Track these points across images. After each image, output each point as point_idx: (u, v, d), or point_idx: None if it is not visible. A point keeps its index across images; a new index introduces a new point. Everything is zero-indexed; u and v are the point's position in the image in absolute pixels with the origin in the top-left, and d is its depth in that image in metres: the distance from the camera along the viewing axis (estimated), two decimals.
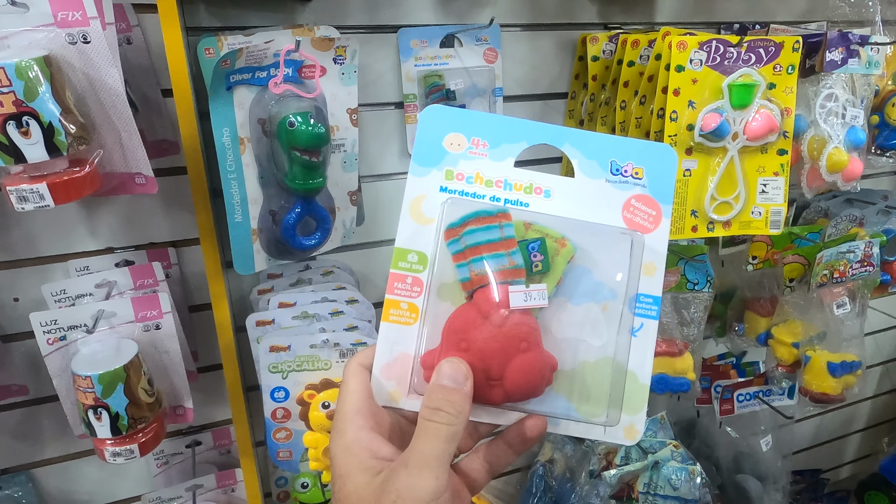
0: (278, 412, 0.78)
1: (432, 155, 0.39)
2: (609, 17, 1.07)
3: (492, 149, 0.39)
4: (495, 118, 0.39)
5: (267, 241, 0.79)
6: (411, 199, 0.39)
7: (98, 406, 0.69)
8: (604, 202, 0.39)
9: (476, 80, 0.99)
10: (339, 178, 0.82)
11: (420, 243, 0.38)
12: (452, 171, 0.39)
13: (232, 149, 0.73)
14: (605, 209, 0.39)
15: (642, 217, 0.38)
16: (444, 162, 0.39)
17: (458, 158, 0.39)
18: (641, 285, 0.38)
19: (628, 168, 0.38)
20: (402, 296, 0.38)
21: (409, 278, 0.38)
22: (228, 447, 1.06)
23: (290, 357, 0.76)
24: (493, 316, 0.35)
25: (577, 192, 0.39)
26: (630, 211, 0.38)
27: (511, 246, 0.37)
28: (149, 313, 0.75)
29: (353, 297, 0.88)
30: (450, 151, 0.39)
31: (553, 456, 1.25)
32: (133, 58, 0.81)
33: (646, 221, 0.38)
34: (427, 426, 0.33)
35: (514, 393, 0.36)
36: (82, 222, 0.88)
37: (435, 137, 0.39)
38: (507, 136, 0.39)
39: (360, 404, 0.36)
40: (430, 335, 0.37)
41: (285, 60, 0.72)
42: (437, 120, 0.39)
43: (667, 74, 0.86)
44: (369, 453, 0.34)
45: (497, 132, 0.39)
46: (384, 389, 0.38)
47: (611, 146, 0.39)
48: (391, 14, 0.94)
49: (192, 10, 0.84)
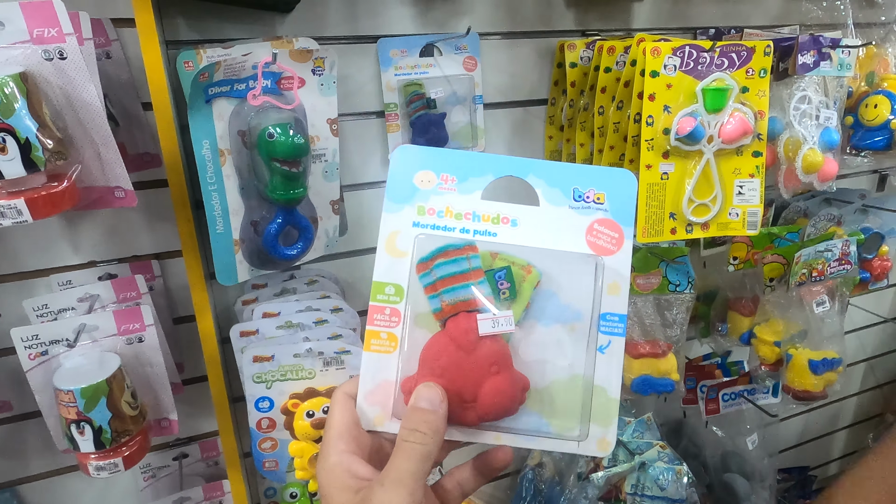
0: (263, 422, 0.78)
1: (404, 192, 0.41)
2: (586, 23, 1.09)
3: (460, 183, 0.41)
4: (462, 154, 0.41)
5: (249, 251, 0.79)
6: (386, 234, 0.41)
7: (81, 420, 0.68)
8: (568, 228, 0.41)
9: (456, 88, 1.00)
10: (320, 188, 0.83)
11: (396, 276, 0.40)
12: (424, 207, 0.41)
13: (212, 161, 0.73)
14: (570, 234, 0.41)
15: (605, 240, 0.40)
16: (416, 198, 0.41)
17: (429, 194, 0.41)
18: (606, 305, 0.40)
19: (590, 194, 0.40)
20: (382, 326, 0.40)
21: (388, 309, 0.40)
22: (216, 459, 1.06)
23: (273, 367, 0.76)
24: (464, 343, 0.38)
25: (542, 220, 0.41)
26: (593, 234, 0.40)
27: (479, 276, 0.39)
28: (131, 326, 0.75)
29: (338, 306, 0.89)
30: (420, 188, 0.41)
31: (542, 459, 1.25)
32: (113, 72, 0.82)
33: (609, 244, 0.40)
34: (404, 446, 0.36)
35: (487, 414, 0.38)
36: (64, 236, 0.88)
37: (406, 175, 0.41)
38: (473, 171, 0.41)
39: (343, 430, 0.39)
40: (409, 362, 0.39)
41: (264, 73, 0.73)
42: (407, 159, 0.41)
43: (642, 80, 0.87)
44: (349, 474, 0.37)
45: (464, 167, 0.41)
46: (368, 415, 0.40)
47: (573, 174, 0.41)
48: (370, 24, 0.95)
49: (171, 24, 0.85)
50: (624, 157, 0.94)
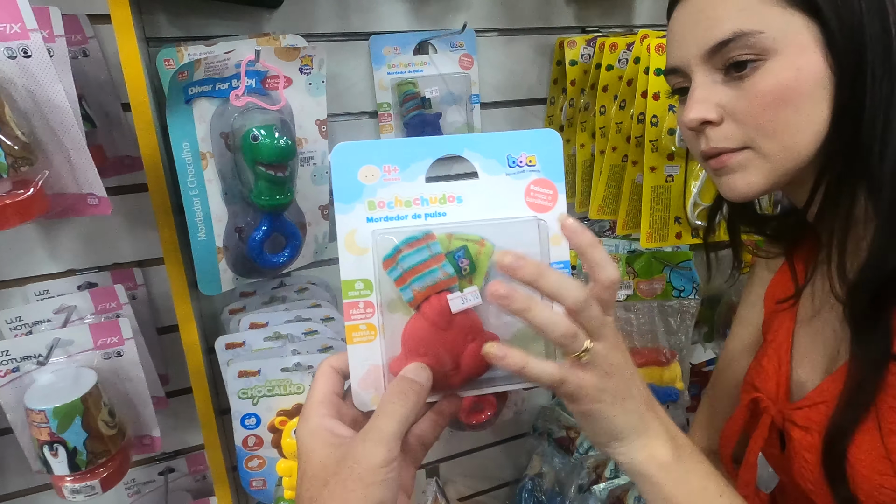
0: (250, 439, 0.74)
1: (352, 190, 0.42)
2: (586, 20, 1.05)
3: (403, 171, 0.42)
4: (398, 142, 0.43)
5: (234, 259, 0.75)
6: (344, 234, 0.42)
7: (54, 441, 0.65)
8: (507, 194, 0.43)
9: (452, 87, 0.96)
10: (309, 192, 0.79)
11: (362, 271, 0.42)
12: (374, 202, 0.42)
13: (193, 164, 0.69)
14: (510, 200, 0.43)
15: (542, 198, 0.43)
16: (364, 194, 0.42)
17: (376, 188, 0.42)
18: (553, 255, 0.43)
19: (522, 158, 0.43)
20: (360, 319, 0.42)
21: (361, 303, 0.42)
22: (204, 473, 1.02)
23: (260, 382, 0.72)
24: (440, 323, 0.41)
25: (484, 191, 0.43)
26: (531, 196, 0.43)
27: (441, 260, 0.41)
28: (109, 340, 0.71)
29: (329, 315, 0.85)
30: (366, 184, 0.42)
31: (542, 469, 1.21)
32: (90, 71, 0.78)
33: (545, 201, 0.43)
34: (386, 407, 0.39)
35: (470, 376, 0.43)
36: (41, 244, 0.84)
37: (350, 174, 0.42)
38: (413, 156, 0.42)
39: (324, 397, 0.42)
40: (392, 344, 0.43)
41: (247, 71, 0.69)
42: (347, 157, 0.42)
43: (646, 78, 0.84)
44: (331, 434, 0.39)
45: (403, 155, 0.42)
46: (364, 398, 0.43)
47: (503, 142, 0.43)
48: (362, 20, 0.91)
49: (151, 21, 0.81)
50: (627, 158, 0.91)
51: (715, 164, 0.55)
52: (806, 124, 0.50)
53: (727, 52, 0.51)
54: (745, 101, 0.51)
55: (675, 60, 0.56)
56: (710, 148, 0.54)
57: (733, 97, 0.52)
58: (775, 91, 0.50)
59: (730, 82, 0.52)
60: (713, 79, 0.53)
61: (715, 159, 0.54)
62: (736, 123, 0.52)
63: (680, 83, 0.58)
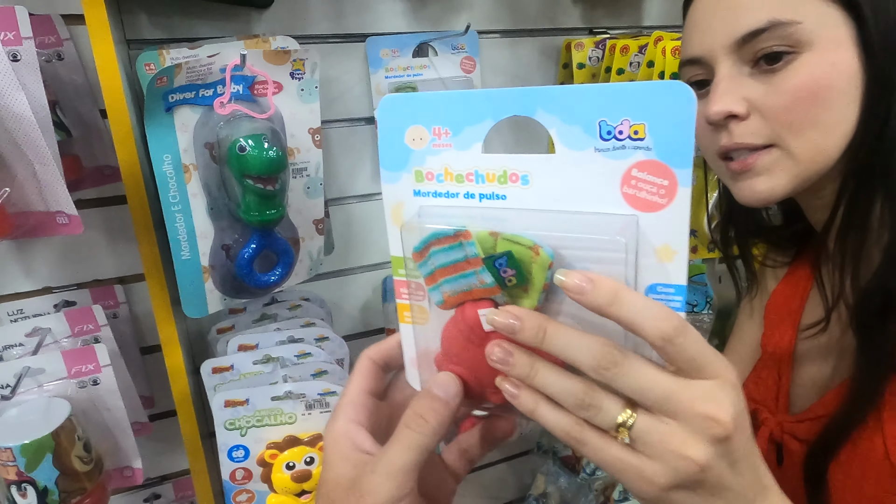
0: (238, 473, 0.69)
1: (398, 156, 0.34)
2: (594, 21, 1.00)
3: (455, 136, 0.33)
4: (452, 96, 0.32)
5: (221, 279, 0.70)
6: (391, 206, 0.36)
7: (22, 482, 0.59)
8: (595, 179, 0.30)
9: None
10: (302, 206, 0.73)
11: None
12: (422, 172, 0.34)
13: (175, 177, 0.64)
14: (599, 188, 0.30)
15: (649, 191, 0.29)
16: (411, 162, 0.34)
17: (424, 155, 0.33)
18: (655, 274, 0.30)
19: (624, 127, 0.29)
20: (410, 300, 0.37)
21: (412, 284, 0.36)
22: (191, 499, 0.97)
23: (248, 412, 0.67)
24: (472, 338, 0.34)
25: (561, 172, 0.31)
26: (632, 185, 0.30)
27: (477, 265, 0.32)
28: (84, 367, 0.66)
29: (324, 335, 0.80)
30: (413, 149, 0.34)
31: (546, 489, 1.16)
32: (65, 75, 0.72)
33: (655, 196, 0.29)
34: (404, 433, 0.35)
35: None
36: (16, 260, 0.78)
37: (397, 135, 0.34)
38: (468, 118, 0.32)
39: (355, 398, 0.39)
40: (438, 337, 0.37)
41: (235, 77, 0.63)
42: (393, 113, 0.33)
43: None
44: (351, 445, 0.37)
45: (457, 114, 0.32)
46: (417, 378, 0.39)
47: (597, 101, 0.29)
48: (358, 21, 0.86)
49: (132, 22, 0.75)
50: None
51: (737, 166, 0.51)
52: (836, 123, 0.48)
53: (759, 42, 0.47)
54: (775, 96, 0.48)
55: (696, 50, 0.52)
56: (734, 143, 0.50)
57: (762, 91, 0.48)
58: (809, 86, 0.47)
59: (758, 75, 0.49)
60: (740, 70, 0.50)
61: (737, 161, 0.51)
62: (763, 119, 0.49)
63: (698, 76, 0.53)
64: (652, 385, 0.30)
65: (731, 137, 0.50)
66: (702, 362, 0.29)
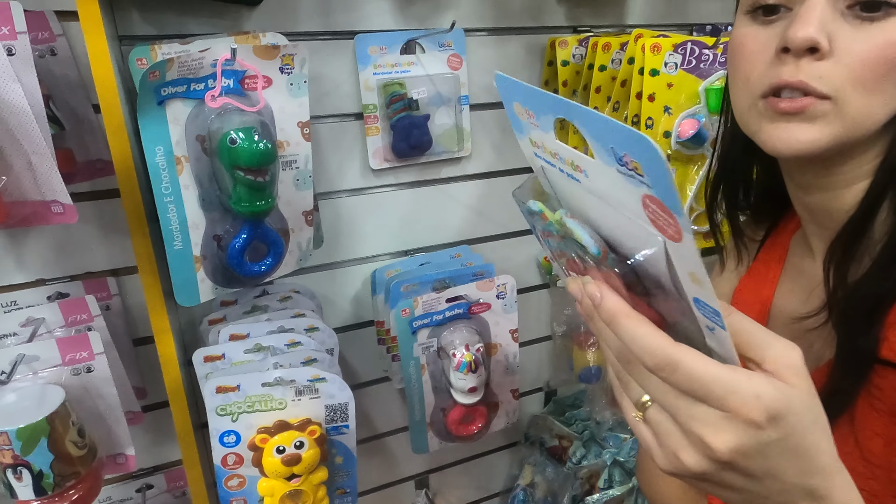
0: (229, 458, 0.71)
1: (517, 123, 0.39)
2: (578, 19, 1.02)
3: (538, 118, 0.36)
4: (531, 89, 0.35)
5: (212, 268, 0.72)
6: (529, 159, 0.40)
7: (18, 465, 0.61)
8: (624, 195, 0.32)
9: (440, 88, 0.93)
10: (291, 198, 0.75)
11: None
12: (533, 140, 0.38)
13: (167, 169, 0.65)
14: (630, 203, 0.32)
15: (664, 223, 0.30)
16: (524, 131, 0.38)
17: (528, 127, 0.38)
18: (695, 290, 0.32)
19: (627, 159, 0.30)
20: None
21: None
22: (183, 489, 0.98)
23: (239, 398, 0.69)
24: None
25: (603, 178, 0.33)
26: (650, 212, 0.31)
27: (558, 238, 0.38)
28: (78, 355, 0.67)
29: (313, 325, 0.82)
30: (522, 121, 0.38)
31: (533, 479, 1.19)
32: (58, 70, 0.73)
33: (669, 228, 0.30)
34: None
35: None
36: (8, 252, 0.80)
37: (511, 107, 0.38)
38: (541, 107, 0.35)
39: None
40: None
41: (226, 71, 0.65)
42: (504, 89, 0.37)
43: (640, 79, 0.81)
44: None
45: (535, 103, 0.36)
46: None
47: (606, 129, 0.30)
48: (347, 19, 0.88)
49: (124, 18, 0.77)
50: None
51: (787, 105, 0.46)
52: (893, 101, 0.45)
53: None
54: (861, 45, 0.43)
55: None
56: (799, 80, 0.45)
57: (849, 35, 0.44)
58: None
59: (851, 19, 0.44)
60: (832, 4, 0.44)
61: (788, 101, 0.46)
62: (837, 66, 0.44)
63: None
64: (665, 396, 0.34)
65: (798, 73, 0.45)
66: (701, 394, 0.32)
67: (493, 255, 1.06)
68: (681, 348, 0.33)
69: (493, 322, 0.90)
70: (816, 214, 0.54)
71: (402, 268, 0.96)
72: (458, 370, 0.86)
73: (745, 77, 0.49)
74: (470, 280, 0.90)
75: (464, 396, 0.88)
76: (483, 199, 1.04)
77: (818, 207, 0.53)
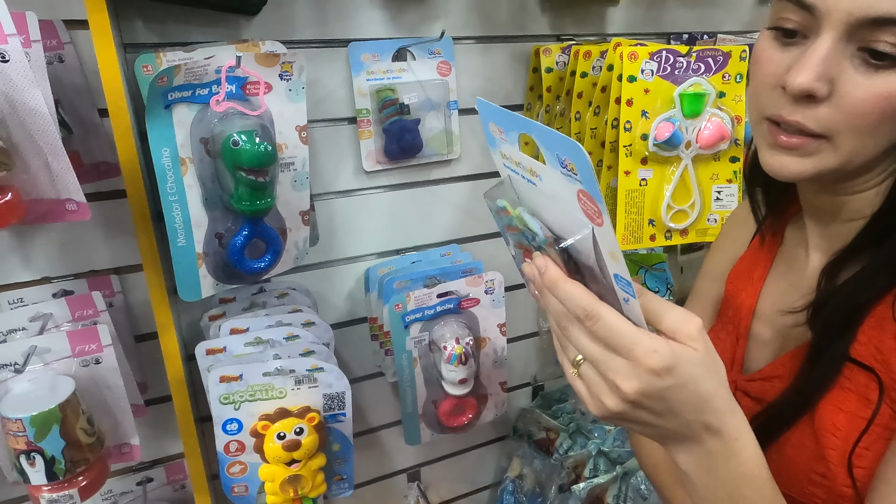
0: (231, 445, 0.74)
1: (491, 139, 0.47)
2: (561, 28, 1.07)
3: (507, 135, 0.44)
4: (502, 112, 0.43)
5: (214, 265, 0.75)
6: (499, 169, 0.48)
7: (31, 451, 0.64)
8: (566, 192, 0.40)
9: (430, 93, 0.98)
10: (289, 198, 0.79)
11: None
12: (502, 152, 0.46)
13: (173, 170, 0.69)
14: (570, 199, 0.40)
15: (592, 212, 0.40)
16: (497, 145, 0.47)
17: (501, 142, 0.46)
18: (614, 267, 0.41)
19: (567, 162, 0.39)
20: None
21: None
22: (183, 482, 1.01)
23: (241, 387, 0.72)
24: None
25: (551, 181, 0.42)
26: (583, 204, 0.40)
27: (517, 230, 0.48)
28: (87, 347, 0.70)
29: (310, 320, 0.85)
30: (495, 137, 0.46)
31: (522, 471, 1.23)
32: (66, 76, 0.77)
33: (596, 217, 0.40)
34: None
35: None
36: (15, 251, 0.83)
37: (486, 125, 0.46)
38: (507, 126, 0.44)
39: None
40: None
41: (228, 77, 0.69)
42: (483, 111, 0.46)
43: (619, 85, 0.86)
44: None
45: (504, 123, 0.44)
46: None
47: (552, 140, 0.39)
48: (341, 28, 0.92)
49: (129, 26, 0.80)
50: (602, 163, 0.93)
51: (783, 140, 0.48)
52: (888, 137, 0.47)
53: (882, 34, 0.43)
54: (862, 92, 0.44)
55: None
56: (794, 119, 0.47)
57: (852, 80, 0.44)
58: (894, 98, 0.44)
59: (857, 61, 0.45)
60: (843, 48, 0.45)
61: (785, 135, 0.48)
62: (836, 109, 0.45)
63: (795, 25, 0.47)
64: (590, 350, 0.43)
65: (794, 113, 0.47)
66: (614, 344, 0.41)
67: (481, 253, 1.11)
68: (603, 304, 0.41)
69: (481, 316, 0.94)
70: (819, 213, 0.57)
71: (395, 266, 1.00)
72: (449, 362, 0.90)
73: (757, 93, 0.51)
74: (460, 276, 0.94)
75: (454, 388, 0.92)
76: (471, 200, 1.09)
77: (823, 208, 0.56)
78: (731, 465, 0.44)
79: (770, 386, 0.57)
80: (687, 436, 0.43)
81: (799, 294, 0.58)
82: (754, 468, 0.44)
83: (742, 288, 0.65)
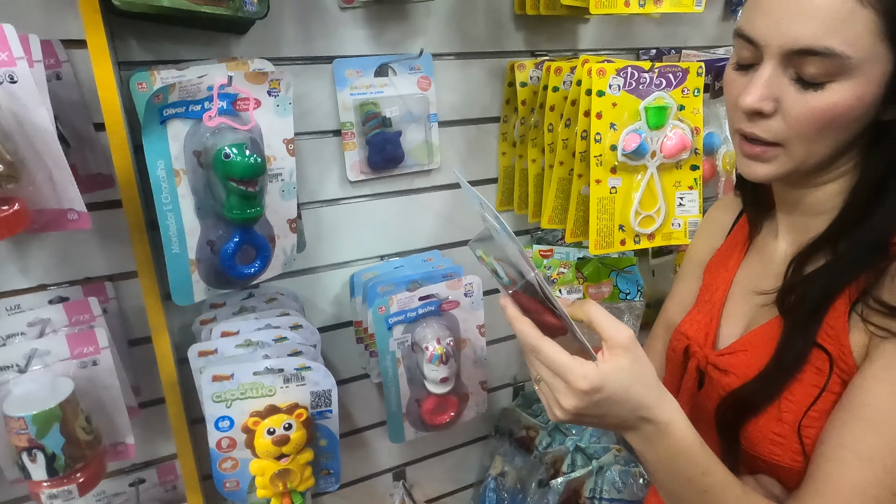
0: (223, 442, 0.78)
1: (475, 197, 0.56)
2: (536, 44, 1.13)
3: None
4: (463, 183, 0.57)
5: (206, 270, 0.79)
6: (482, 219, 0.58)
7: (33, 448, 0.67)
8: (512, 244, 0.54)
9: (411, 107, 1.03)
10: (277, 207, 0.84)
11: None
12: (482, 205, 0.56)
13: (167, 181, 0.73)
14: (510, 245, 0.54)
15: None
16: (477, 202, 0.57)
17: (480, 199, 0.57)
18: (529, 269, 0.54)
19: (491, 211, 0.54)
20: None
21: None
22: (174, 483, 1.04)
23: (233, 386, 0.76)
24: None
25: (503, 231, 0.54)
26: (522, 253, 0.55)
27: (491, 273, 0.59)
28: (85, 349, 0.74)
29: (298, 323, 0.89)
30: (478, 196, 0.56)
31: (504, 469, 1.27)
32: (63, 93, 0.81)
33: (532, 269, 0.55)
34: None
35: None
36: (12, 259, 0.86)
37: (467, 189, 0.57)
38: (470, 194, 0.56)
39: None
40: None
41: (219, 94, 0.74)
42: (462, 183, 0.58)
43: (588, 99, 0.92)
44: None
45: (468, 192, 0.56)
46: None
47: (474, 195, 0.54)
48: (325, 45, 0.97)
49: (123, 45, 0.85)
50: (573, 172, 0.98)
51: (749, 150, 0.59)
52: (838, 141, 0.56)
53: (807, 62, 0.52)
54: (801, 108, 0.54)
55: (754, 32, 0.55)
56: (751, 132, 0.57)
57: (793, 99, 0.54)
58: (833, 111, 0.53)
59: (795, 84, 0.54)
60: (783, 72, 0.54)
61: (749, 146, 0.59)
62: (783, 122, 0.55)
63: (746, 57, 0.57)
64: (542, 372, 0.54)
65: (751, 126, 0.57)
66: (555, 370, 0.53)
67: (461, 259, 1.15)
68: (544, 339, 0.53)
69: (461, 318, 0.99)
70: (788, 205, 0.66)
71: (379, 271, 1.05)
72: (431, 362, 0.94)
73: (728, 110, 0.62)
74: (440, 280, 0.99)
75: (436, 386, 0.96)
76: (451, 208, 1.14)
77: (791, 201, 0.65)
78: (667, 442, 0.54)
79: (736, 359, 0.65)
80: (627, 426, 0.54)
81: (768, 277, 0.66)
82: (684, 442, 0.54)
83: (718, 275, 0.74)
